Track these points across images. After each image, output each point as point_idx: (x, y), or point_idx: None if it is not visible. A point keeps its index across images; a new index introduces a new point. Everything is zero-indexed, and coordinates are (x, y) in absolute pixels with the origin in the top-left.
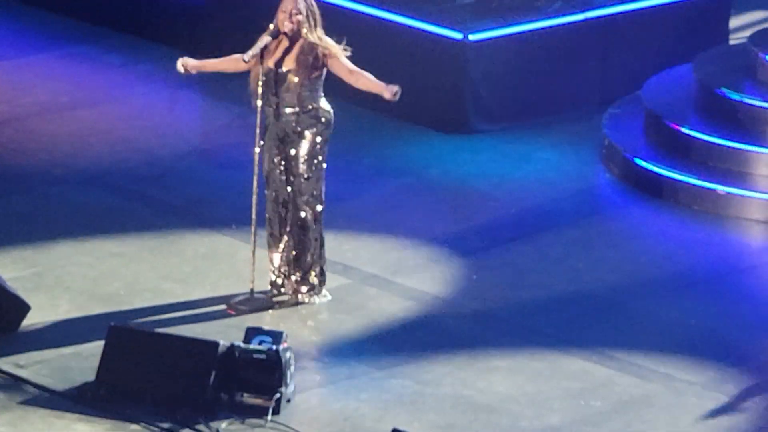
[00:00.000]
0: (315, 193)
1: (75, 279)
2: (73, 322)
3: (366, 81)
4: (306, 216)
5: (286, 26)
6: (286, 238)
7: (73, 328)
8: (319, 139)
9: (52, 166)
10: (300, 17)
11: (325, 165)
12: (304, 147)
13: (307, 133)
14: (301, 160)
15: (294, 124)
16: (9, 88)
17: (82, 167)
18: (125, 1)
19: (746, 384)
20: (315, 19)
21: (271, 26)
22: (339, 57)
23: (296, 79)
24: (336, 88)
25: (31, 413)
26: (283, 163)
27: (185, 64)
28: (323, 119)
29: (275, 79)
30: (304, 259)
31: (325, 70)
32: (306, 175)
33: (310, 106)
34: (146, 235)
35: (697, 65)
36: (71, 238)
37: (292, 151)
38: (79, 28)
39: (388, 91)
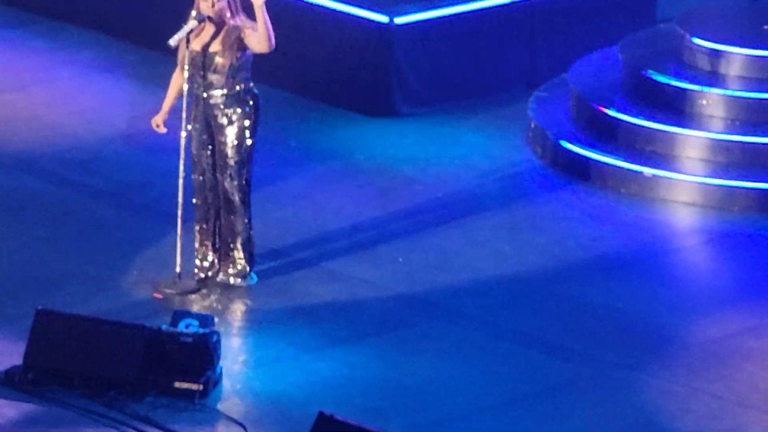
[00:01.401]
0: (244, 177)
1: (2, 264)
2: (0, 306)
3: (263, 25)
4: (235, 200)
5: (210, 12)
6: (214, 221)
7: (0, 312)
8: (247, 123)
9: None
10: (222, 4)
11: (253, 149)
12: (233, 131)
13: (236, 118)
14: (230, 144)
15: (222, 107)
16: None
17: (8, 152)
18: None
19: (672, 366)
20: (236, 4)
21: (194, 12)
22: (250, 28)
23: (222, 61)
24: (262, 72)
25: None
26: (211, 147)
27: (157, 123)
28: (251, 102)
29: (202, 62)
30: (232, 243)
31: (250, 53)
32: (235, 159)
33: (237, 88)
34: (73, 220)
35: (623, 47)
36: None
37: (221, 136)
38: (5, 13)
39: None
